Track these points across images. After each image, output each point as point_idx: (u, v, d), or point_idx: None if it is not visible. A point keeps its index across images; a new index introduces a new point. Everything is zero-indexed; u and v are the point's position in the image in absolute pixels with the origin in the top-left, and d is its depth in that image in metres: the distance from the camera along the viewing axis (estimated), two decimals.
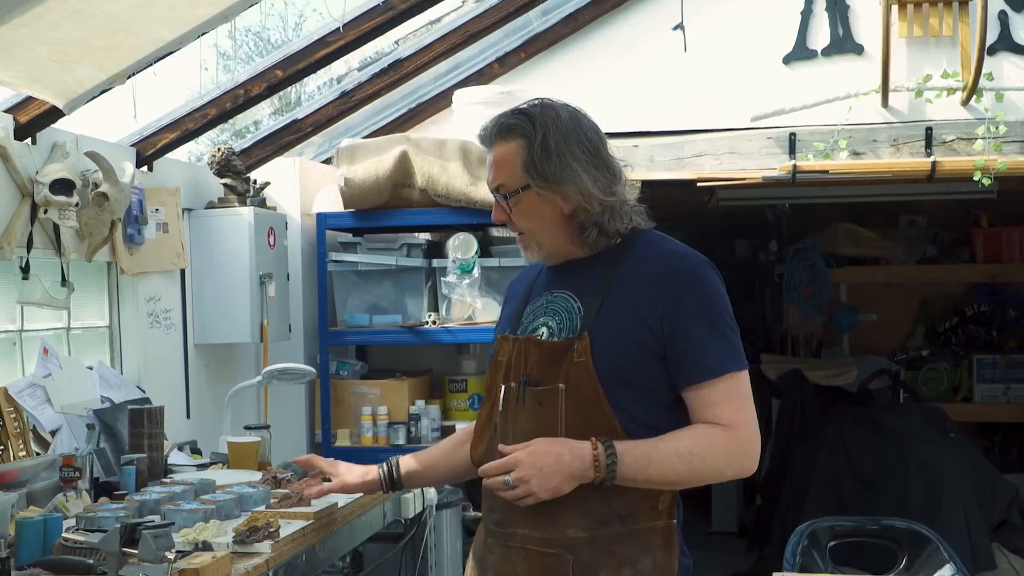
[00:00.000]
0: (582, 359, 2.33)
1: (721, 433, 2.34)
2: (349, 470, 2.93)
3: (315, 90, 9.20)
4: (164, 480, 3.66)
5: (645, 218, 2.52)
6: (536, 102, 2.47)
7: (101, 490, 3.54)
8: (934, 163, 5.22)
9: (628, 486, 2.33)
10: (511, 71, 5.81)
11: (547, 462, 2.27)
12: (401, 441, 5.33)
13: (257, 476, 3.78)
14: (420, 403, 5.47)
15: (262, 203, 5.20)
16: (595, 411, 2.33)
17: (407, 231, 5.46)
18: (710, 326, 2.36)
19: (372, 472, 2.87)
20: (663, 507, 2.40)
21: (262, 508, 3.27)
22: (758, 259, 9.48)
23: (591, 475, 2.28)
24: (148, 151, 4.72)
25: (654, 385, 2.36)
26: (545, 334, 2.43)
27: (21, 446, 3.73)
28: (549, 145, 2.38)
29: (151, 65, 3.84)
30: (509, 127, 2.43)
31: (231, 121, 7.01)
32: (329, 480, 2.97)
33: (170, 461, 4.06)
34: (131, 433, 3.82)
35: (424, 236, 5.45)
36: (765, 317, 9.50)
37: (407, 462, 2.86)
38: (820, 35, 5.58)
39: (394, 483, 2.85)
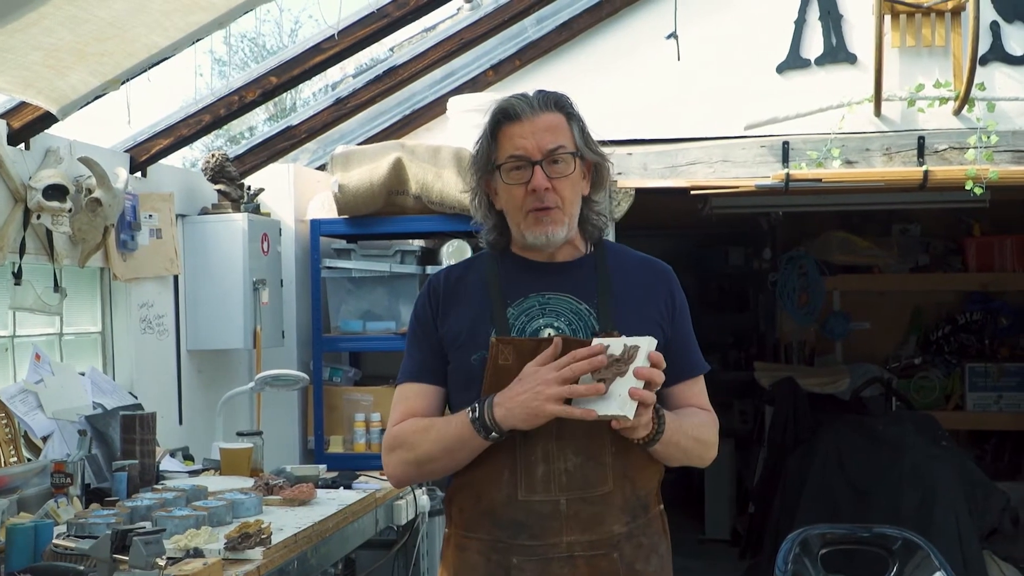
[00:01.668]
0: None
1: (709, 415, 2.53)
2: None
3: (310, 96, 9.21)
4: (156, 486, 3.66)
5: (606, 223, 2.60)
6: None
7: (92, 496, 3.54)
8: (926, 172, 5.24)
9: (649, 472, 2.41)
10: (505, 79, 5.81)
11: None
12: None
13: (249, 482, 3.78)
14: None
15: (256, 209, 5.20)
16: None
17: (401, 238, 5.46)
18: (690, 327, 2.55)
19: None
20: (657, 492, 2.50)
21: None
22: (752, 267, 9.49)
23: (651, 427, 2.28)
24: (142, 157, 4.72)
25: None
26: (552, 335, 2.38)
27: (12, 452, 3.72)
28: (584, 125, 2.50)
29: (145, 71, 3.85)
30: (557, 99, 2.49)
31: (226, 127, 7.01)
32: None
33: (162, 467, 4.05)
34: (123, 439, 3.82)
35: (418, 243, 5.46)
36: (758, 324, 9.50)
37: None
38: (813, 44, 5.59)
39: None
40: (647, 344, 2.21)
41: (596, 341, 2.25)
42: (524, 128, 2.42)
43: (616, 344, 2.23)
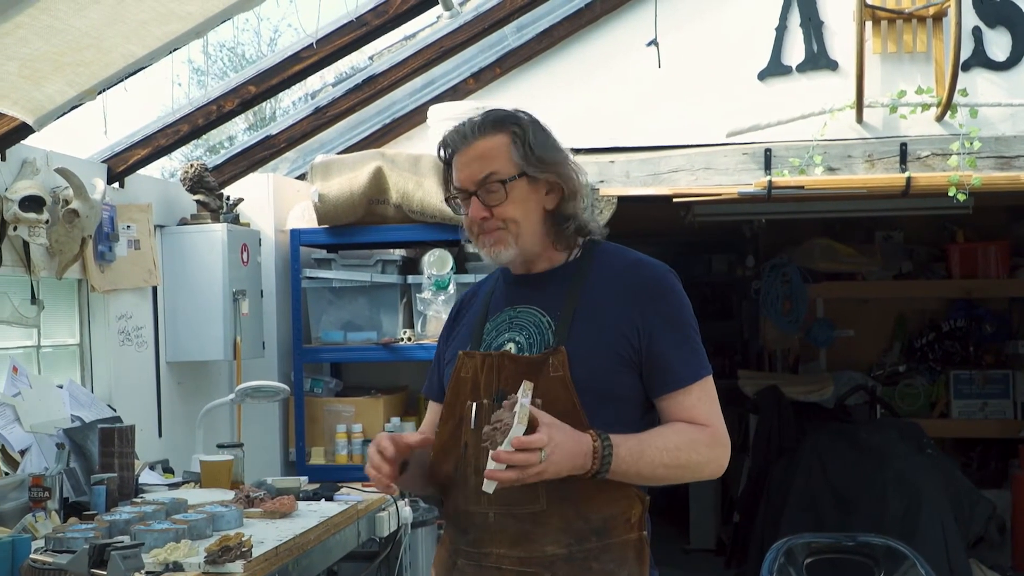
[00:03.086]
0: (559, 373, 2.31)
1: (700, 431, 2.36)
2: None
3: (290, 105, 9.19)
4: (135, 500, 3.63)
5: (600, 229, 2.55)
6: (503, 109, 2.51)
7: (71, 510, 3.51)
8: (909, 179, 5.24)
9: (603, 497, 2.33)
10: (486, 87, 5.79)
11: (563, 439, 2.18)
12: None
13: (230, 495, 3.74)
14: (395, 420, 5.44)
15: (235, 219, 5.17)
16: (572, 424, 2.27)
17: (382, 247, 5.43)
18: (683, 336, 2.40)
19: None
20: (635, 520, 2.40)
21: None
22: (735, 274, 9.49)
23: (588, 465, 2.22)
24: (119, 167, 4.69)
25: (628, 394, 2.38)
26: (513, 349, 2.41)
27: None
28: (539, 135, 2.44)
29: (122, 81, 3.82)
30: (497, 119, 2.45)
31: (205, 136, 6.98)
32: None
33: (141, 480, 4.02)
34: (101, 452, 3.78)
35: (399, 252, 5.43)
36: (742, 332, 9.50)
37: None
38: (795, 51, 5.59)
39: None
40: (516, 428, 2.12)
41: (524, 384, 2.19)
42: (461, 159, 2.45)
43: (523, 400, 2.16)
